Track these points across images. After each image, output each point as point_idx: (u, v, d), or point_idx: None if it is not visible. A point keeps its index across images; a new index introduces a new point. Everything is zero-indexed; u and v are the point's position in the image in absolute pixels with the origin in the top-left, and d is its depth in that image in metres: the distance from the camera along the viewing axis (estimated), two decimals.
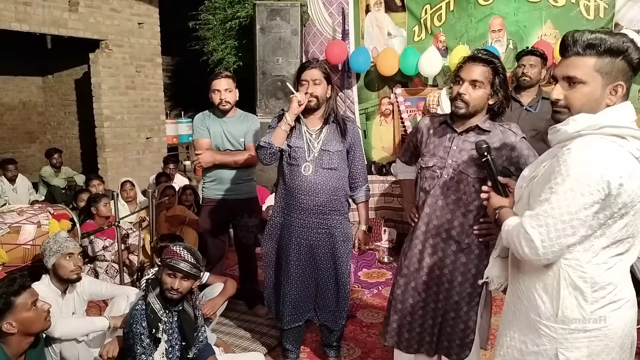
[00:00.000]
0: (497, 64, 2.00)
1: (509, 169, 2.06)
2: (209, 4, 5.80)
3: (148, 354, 2.36)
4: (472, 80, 1.99)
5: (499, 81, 2.00)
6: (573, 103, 1.41)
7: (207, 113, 3.38)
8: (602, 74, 1.37)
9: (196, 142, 3.37)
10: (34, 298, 2.11)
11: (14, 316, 2.04)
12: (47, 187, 6.45)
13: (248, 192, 3.43)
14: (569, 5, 4.29)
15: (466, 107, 2.01)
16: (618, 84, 1.37)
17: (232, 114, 3.34)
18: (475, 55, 2.03)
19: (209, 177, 3.39)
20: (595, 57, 1.37)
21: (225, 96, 3.24)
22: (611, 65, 1.36)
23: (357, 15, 5.13)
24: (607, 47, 1.35)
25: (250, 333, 3.25)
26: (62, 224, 3.04)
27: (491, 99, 2.03)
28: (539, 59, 3.55)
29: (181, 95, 9.10)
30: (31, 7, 6.05)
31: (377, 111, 5.19)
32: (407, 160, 2.41)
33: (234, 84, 3.30)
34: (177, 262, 2.33)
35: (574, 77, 1.39)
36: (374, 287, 4.03)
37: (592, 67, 1.37)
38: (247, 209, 3.41)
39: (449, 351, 2.16)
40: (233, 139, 3.31)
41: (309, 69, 2.50)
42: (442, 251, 2.12)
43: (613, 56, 1.36)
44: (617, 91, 1.38)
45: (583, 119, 1.38)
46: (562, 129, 1.42)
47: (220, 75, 3.27)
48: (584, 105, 1.39)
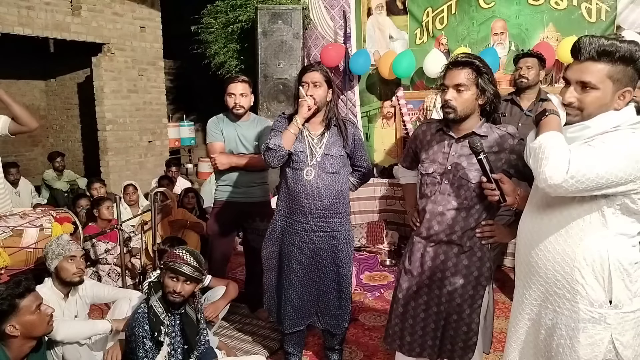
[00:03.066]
0: (478, 64, 2.01)
1: (508, 171, 2.06)
2: (211, 7, 5.81)
3: (150, 357, 2.36)
4: (456, 85, 2.01)
5: (484, 80, 2.01)
6: (587, 107, 1.49)
7: (221, 117, 3.38)
8: (613, 81, 1.45)
9: (210, 145, 3.37)
10: (38, 301, 2.11)
11: (18, 319, 2.04)
12: (49, 191, 6.46)
13: (260, 196, 3.43)
14: (570, 8, 4.29)
15: (454, 112, 2.02)
16: (627, 90, 1.46)
17: (246, 118, 3.35)
18: (454, 61, 2.05)
19: (223, 180, 3.38)
20: (610, 64, 1.44)
21: (240, 100, 3.24)
22: (622, 72, 1.45)
23: (358, 19, 5.13)
24: (621, 55, 1.43)
25: (252, 336, 3.25)
26: (65, 227, 3.04)
27: (480, 99, 2.03)
28: (536, 61, 3.55)
29: (183, 99, 9.11)
30: (34, 11, 6.07)
31: (379, 114, 5.19)
32: (408, 165, 2.42)
33: (250, 89, 3.31)
34: (179, 266, 2.33)
35: (589, 83, 1.47)
36: (376, 290, 4.02)
37: (605, 74, 1.45)
38: (259, 213, 3.41)
39: (452, 354, 2.16)
40: (247, 142, 3.31)
41: (310, 71, 2.51)
42: (444, 254, 2.12)
43: (625, 64, 1.44)
44: (625, 97, 1.47)
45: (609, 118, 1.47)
46: (593, 127, 1.49)
47: (236, 80, 3.27)
48: (596, 109, 1.48)
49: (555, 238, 1.55)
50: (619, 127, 1.45)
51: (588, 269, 1.49)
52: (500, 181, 1.87)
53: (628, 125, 1.44)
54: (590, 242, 1.49)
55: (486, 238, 2.09)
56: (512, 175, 2.06)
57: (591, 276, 1.49)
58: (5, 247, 2.72)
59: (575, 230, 1.52)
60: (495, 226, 2.09)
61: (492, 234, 2.08)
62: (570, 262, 1.52)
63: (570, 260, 1.52)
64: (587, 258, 1.49)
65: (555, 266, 1.55)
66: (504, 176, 1.92)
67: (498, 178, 1.88)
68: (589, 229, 1.50)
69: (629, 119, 1.46)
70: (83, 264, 2.72)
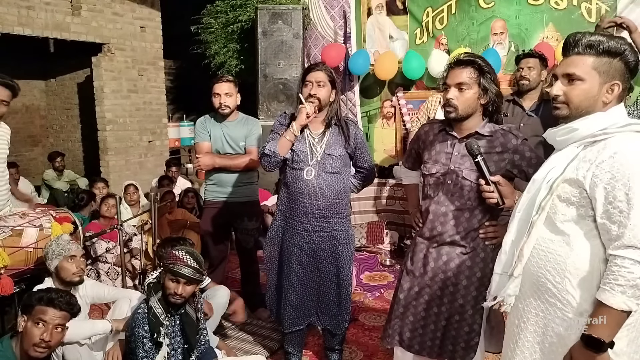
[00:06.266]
0: (480, 63, 2.01)
1: (512, 171, 2.06)
2: (211, 7, 5.81)
3: (150, 357, 2.36)
4: (457, 83, 2.01)
5: (486, 79, 2.01)
6: (572, 99, 1.50)
7: (208, 117, 3.39)
8: (599, 73, 1.46)
9: (197, 145, 3.39)
10: (47, 318, 2.10)
11: (28, 317, 2.10)
12: (49, 191, 6.47)
13: (249, 196, 3.43)
14: (570, 8, 4.28)
15: (456, 111, 2.03)
16: (615, 82, 1.46)
17: (233, 118, 3.35)
18: (456, 60, 2.06)
19: (211, 180, 3.40)
20: (594, 56, 1.46)
21: (225, 100, 3.25)
22: (608, 65, 1.46)
23: (358, 19, 5.13)
24: (605, 48, 1.45)
25: (252, 336, 3.25)
26: (65, 227, 3.03)
27: (482, 98, 2.03)
28: (537, 61, 3.54)
29: (183, 99, 9.11)
30: (34, 11, 6.07)
31: (379, 114, 5.19)
32: (411, 166, 2.42)
33: (235, 88, 3.30)
34: (180, 268, 2.33)
35: (573, 74, 1.48)
36: (376, 290, 4.02)
37: (590, 65, 1.47)
38: (247, 213, 3.42)
39: (453, 355, 2.15)
40: (233, 142, 3.32)
41: (314, 70, 2.51)
42: (446, 255, 2.12)
43: (610, 57, 1.45)
44: (614, 90, 1.47)
45: (596, 120, 1.46)
46: (581, 129, 1.47)
47: (221, 79, 3.28)
48: (582, 101, 1.48)
49: (548, 246, 1.53)
50: (607, 129, 1.43)
51: (578, 279, 1.46)
52: (498, 183, 1.87)
53: (617, 128, 1.42)
54: (581, 251, 1.47)
55: (489, 239, 2.09)
56: (516, 175, 2.06)
57: (582, 286, 1.46)
58: (4, 246, 2.71)
59: (567, 239, 1.49)
60: (499, 226, 2.08)
61: (496, 234, 2.07)
62: (561, 272, 1.49)
63: (561, 270, 1.49)
64: (578, 268, 1.47)
65: (547, 275, 1.53)
66: (501, 178, 1.91)
67: (496, 180, 1.87)
68: (581, 238, 1.47)
69: (618, 121, 1.44)
70: (83, 263, 2.72)
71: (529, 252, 1.56)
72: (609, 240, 1.41)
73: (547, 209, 1.52)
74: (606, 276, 1.38)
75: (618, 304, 1.35)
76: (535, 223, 1.54)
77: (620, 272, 1.35)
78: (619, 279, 1.35)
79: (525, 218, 1.58)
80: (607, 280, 1.37)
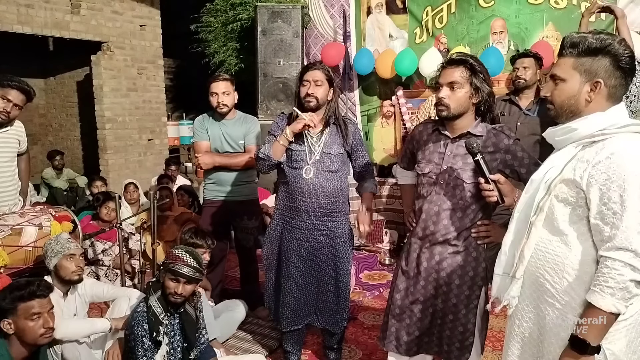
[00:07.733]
0: (472, 62, 2.02)
1: (504, 171, 2.06)
2: (211, 6, 5.81)
3: (149, 356, 2.36)
4: (449, 82, 2.02)
5: (478, 79, 2.01)
6: (554, 99, 1.53)
7: (206, 116, 3.39)
8: (580, 72, 1.47)
9: (196, 144, 3.39)
10: (39, 310, 2.10)
11: (14, 318, 2.07)
12: (48, 189, 6.46)
13: (248, 195, 3.43)
14: (570, 7, 4.28)
15: (447, 110, 2.03)
16: (596, 80, 1.45)
17: (231, 116, 3.35)
18: (449, 60, 2.07)
19: (210, 179, 3.40)
20: (575, 56, 1.48)
21: (223, 99, 3.24)
22: (590, 63, 1.45)
23: (358, 17, 5.13)
24: (586, 46, 1.45)
25: (251, 335, 3.25)
26: (64, 226, 3.04)
27: (474, 97, 2.04)
28: (532, 60, 3.54)
29: (183, 97, 9.11)
30: (33, 9, 6.07)
31: (379, 113, 5.19)
32: (406, 165, 2.42)
33: (232, 87, 3.30)
34: (180, 267, 2.33)
35: (555, 75, 1.52)
36: (375, 289, 4.03)
37: (570, 65, 1.48)
38: (247, 211, 3.42)
39: (449, 355, 2.16)
40: (232, 141, 3.32)
41: (312, 69, 2.51)
42: (439, 255, 2.12)
43: (591, 55, 1.45)
44: (597, 87, 1.45)
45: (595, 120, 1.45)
46: (580, 129, 1.46)
47: (217, 78, 3.27)
48: (564, 101, 1.50)
49: (546, 246, 1.53)
50: (606, 129, 1.42)
51: (577, 279, 1.46)
52: (498, 182, 1.87)
53: (616, 129, 1.41)
54: (579, 251, 1.46)
55: (482, 238, 2.10)
56: (508, 175, 2.06)
57: (580, 287, 1.45)
58: (4, 245, 2.72)
59: (565, 239, 1.49)
60: (491, 226, 2.09)
61: (488, 233, 2.08)
62: (560, 272, 1.48)
63: (560, 271, 1.49)
64: (576, 268, 1.46)
65: (546, 275, 1.52)
66: (501, 177, 1.91)
67: (496, 179, 1.87)
68: (579, 238, 1.47)
69: (618, 122, 1.42)
70: (82, 262, 2.72)
71: (529, 254, 1.56)
72: (600, 241, 1.40)
73: (546, 210, 1.52)
74: (596, 278, 1.38)
75: (607, 306, 1.34)
76: (534, 224, 1.53)
77: (611, 274, 1.34)
78: (609, 281, 1.34)
79: (524, 219, 1.57)
80: (597, 282, 1.37)
